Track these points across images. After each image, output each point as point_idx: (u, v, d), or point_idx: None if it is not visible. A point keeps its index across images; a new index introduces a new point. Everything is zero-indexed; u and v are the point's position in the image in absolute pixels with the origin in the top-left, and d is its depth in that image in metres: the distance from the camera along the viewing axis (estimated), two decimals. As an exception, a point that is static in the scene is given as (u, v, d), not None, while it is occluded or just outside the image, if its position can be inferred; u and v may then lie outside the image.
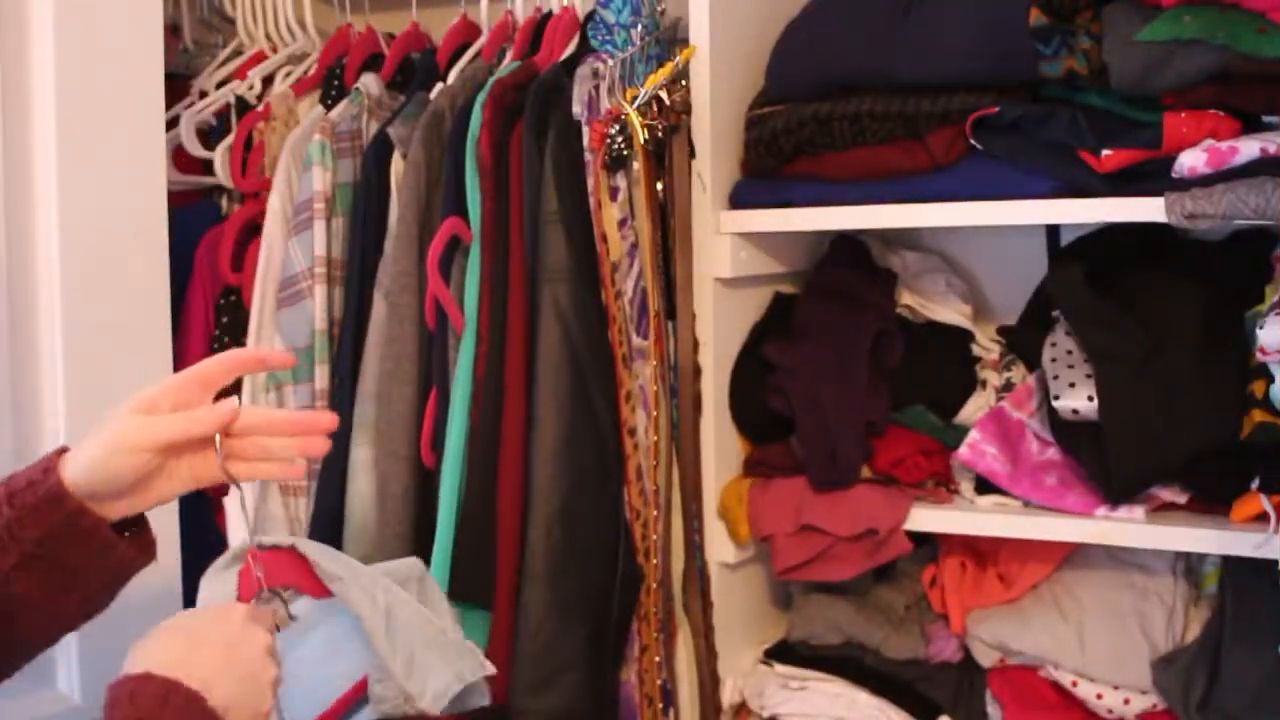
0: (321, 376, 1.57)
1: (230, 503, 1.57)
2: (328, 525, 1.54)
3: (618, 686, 1.51)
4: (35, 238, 1.38)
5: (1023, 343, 1.67)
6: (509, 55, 1.64)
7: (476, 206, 1.49)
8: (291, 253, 1.59)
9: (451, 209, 1.50)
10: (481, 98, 1.50)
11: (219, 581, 1.18)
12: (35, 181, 1.37)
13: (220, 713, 0.91)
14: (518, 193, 1.50)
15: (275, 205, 1.63)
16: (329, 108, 1.75)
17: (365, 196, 1.57)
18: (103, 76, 1.40)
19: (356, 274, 1.56)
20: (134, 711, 0.86)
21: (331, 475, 1.54)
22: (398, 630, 1.18)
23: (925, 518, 1.57)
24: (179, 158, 1.75)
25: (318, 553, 1.19)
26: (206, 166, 1.77)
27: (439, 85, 1.64)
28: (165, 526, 1.46)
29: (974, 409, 1.64)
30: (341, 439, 1.52)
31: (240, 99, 1.80)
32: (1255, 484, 1.40)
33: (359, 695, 1.19)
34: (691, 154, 1.58)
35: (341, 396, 1.54)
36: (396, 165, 1.56)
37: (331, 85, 1.78)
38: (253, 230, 1.68)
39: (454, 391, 1.47)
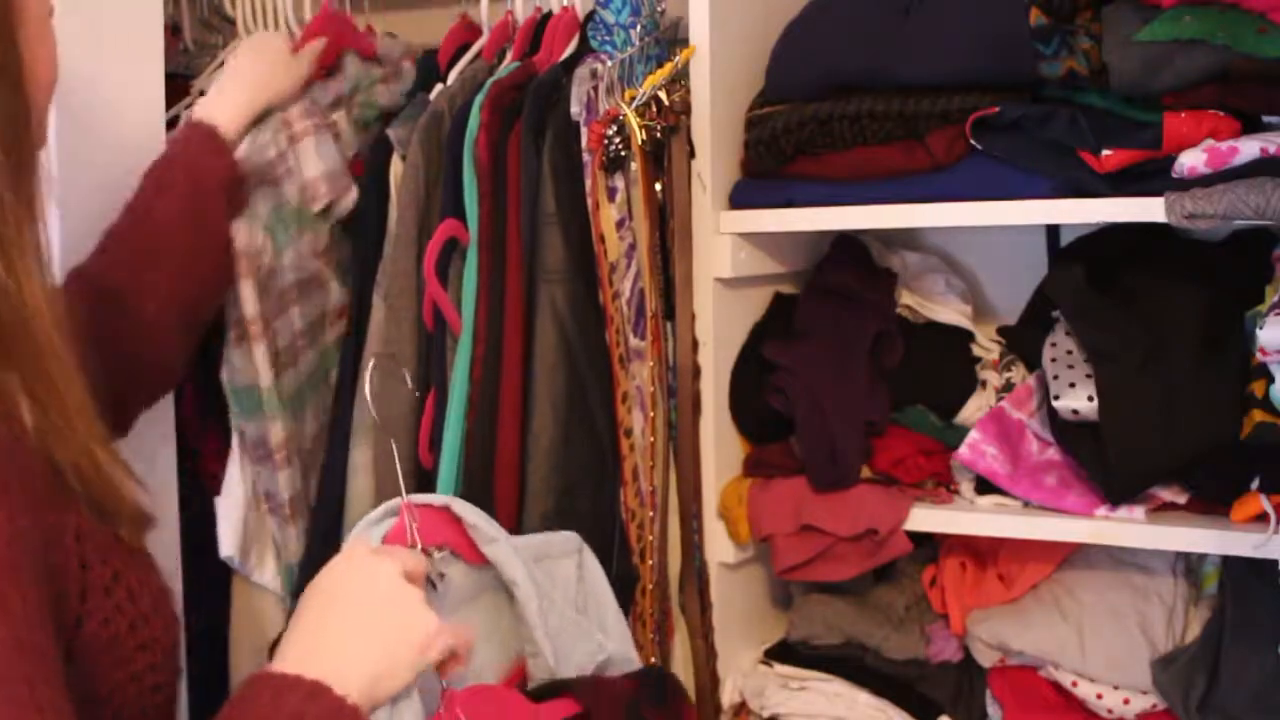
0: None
1: (221, 503, 1.56)
2: (327, 525, 1.54)
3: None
4: (35, 238, 1.38)
5: (1023, 343, 1.67)
6: (509, 56, 1.63)
7: (474, 208, 1.49)
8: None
9: (449, 210, 1.50)
10: (479, 99, 1.50)
11: (368, 537, 1.12)
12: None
13: (367, 699, 0.90)
14: (515, 194, 1.49)
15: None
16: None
17: (365, 198, 1.57)
18: (103, 77, 1.40)
19: (356, 275, 1.56)
20: (242, 713, 0.85)
21: (332, 476, 1.54)
22: (548, 601, 1.17)
23: (925, 518, 1.57)
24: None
25: (472, 514, 1.16)
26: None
27: (438, 86, 1.64)
28: (167, 532, 1.47)
29: (974, 409, 1.64)
30: (341, 440, 1.52)
31: (240, 99, 1.80)
32: (1255, 484, 1.40)
33: (518, 680, 1.18)
34: (691, 154, 1.58)
35: (342, 398, 1.54)
36: (395, 167, 1.56)
37: (326, 83, 1.78)
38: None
39: (451, 393, 1.47)
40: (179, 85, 1.84)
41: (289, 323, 1.51)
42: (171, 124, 1.66)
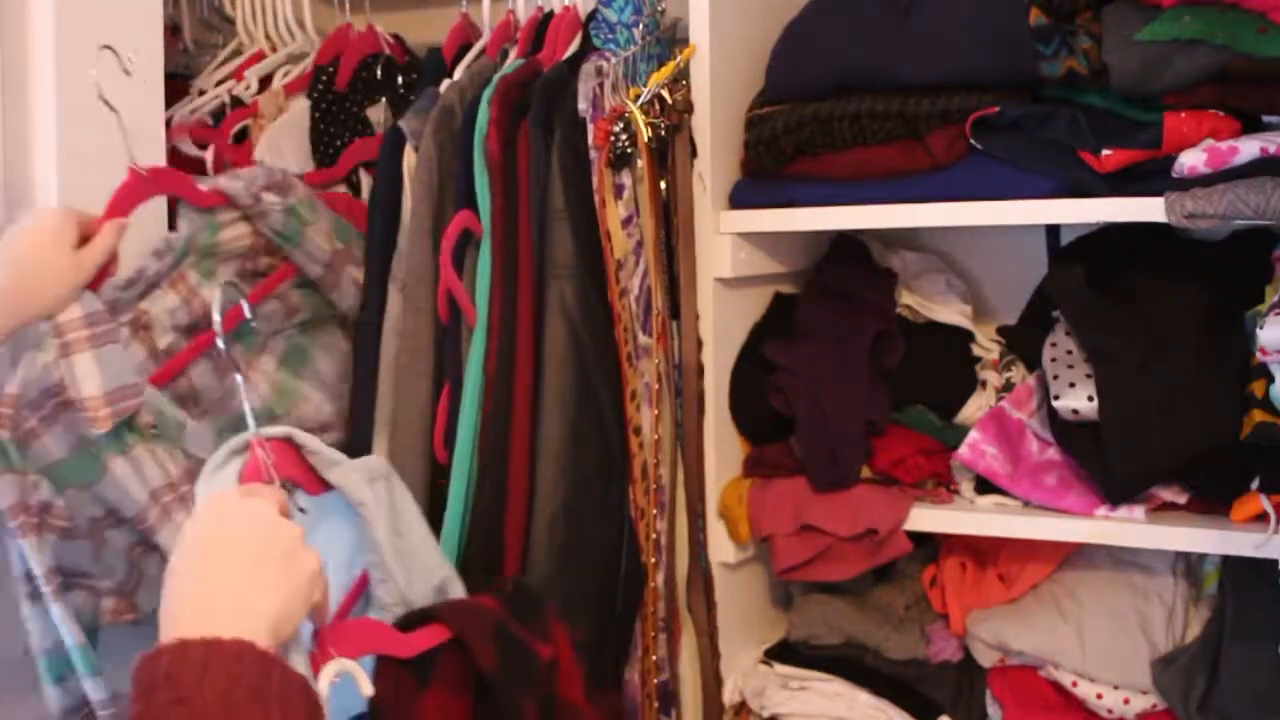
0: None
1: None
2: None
3: (620, 684, 1.51)
4: (35, 238, 1.38)
5: (1023, 343, 1.67)
6: (512, 54, 1.64)
7: (486, 202, 1.49)
8: None
9: (463, 203, 1.50)
10: (488, 93, 1.50)
11: (219, 480, 1.07)
12: (36, 182, 1.37)
13: (274, 645, 0.85)
14: (526, 188, 1.49)
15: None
16: (314, 102, 1.75)
17: (379, 189, 1.57)
18: (103, 77, 1.40)
19: (375, 267, 1.55)
20: (169, 694, 0.77)
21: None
22: (394, 522, 1.14)
23: (925, 518, 1.57)
24: (174, 158, 1.75)
25: (310, 440, 1.12)
26: (204, 167, 1.77)
27: (446, 81, 1.64)
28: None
29: (974, 409, 1.64)
30: (364, 433, 1.52)
31: (236, 98, 1.80)
32: (1255, 484, 1.41)
33: (360, 595, 1.15)
34: (693, 153, 1.58)
35: (364, 390, 1.54)
36: (409, 158, 1.56)
37: (319, 81, 1.77)
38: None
39: (465, 386, 1.47)
40: (179, 85, 1.84)
41: (115, 551, 1.29)
42: (169, 124, 1.66)
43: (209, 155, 1.75)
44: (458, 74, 1.63)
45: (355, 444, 1.54)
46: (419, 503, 1.46)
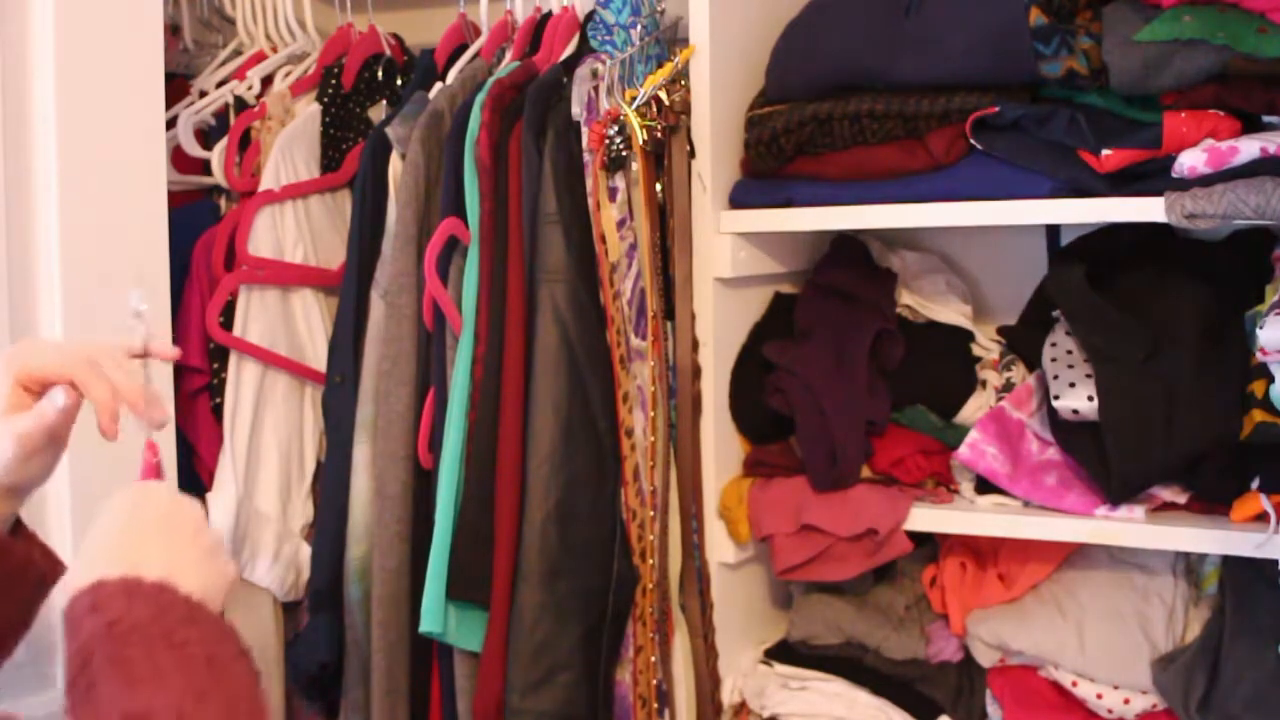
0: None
1: (213, 500, 1.56)
2: (332, 523, 1.54)
3: (612, 686, 1.51)
4: (36, 238, 1.38)
5: (1023, 343, 1.67)
6: (508, 55, 1.64)
7: (475, 207, 1.49)
8: None
9: (450, 209, 1.50)
10: (480, 98, 1.50)
11: None
12: (36, 182, 1.37)
13: (195, 597, 0.80)
14: (516, 193, 1.50)
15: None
16: (324, 105, 1.75)
17: (363, 196, 1.57)
18: (103, 76, 1.40)
19: (355, 273, 1.56)
20: (100, 619, 0.74)
21: (335, 474, 1.54)
22: None
23: (925, 518, 1.57)
24: (178, 158, 1.75)
25: None
26: (206, 167, 1.77)
27: (437, 85, 1.64)
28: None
29: (974, 409, 1.64)
30: (344, 438, 1.52)
31: (239, 99, 1.80)
32: (1255, 484, 1.40)
33: None
34: (691, 154, 1.58)
35: (342, 395, 1.54)
36: (394, 165, 1.56)
37: (329, 84, 1.78)
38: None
39: (452, 392, 1.47)
40: (179, 85, 1.84)
41: None
42: (171, 124, 1.66)
43: (214, 155, 1.75)
44: (450, 77, 1.63)
45: (334, 449, 1.54)
46: (402, 506, 1.47)
